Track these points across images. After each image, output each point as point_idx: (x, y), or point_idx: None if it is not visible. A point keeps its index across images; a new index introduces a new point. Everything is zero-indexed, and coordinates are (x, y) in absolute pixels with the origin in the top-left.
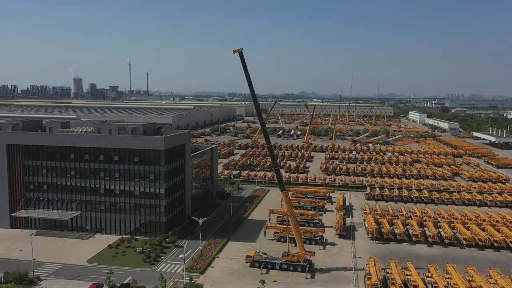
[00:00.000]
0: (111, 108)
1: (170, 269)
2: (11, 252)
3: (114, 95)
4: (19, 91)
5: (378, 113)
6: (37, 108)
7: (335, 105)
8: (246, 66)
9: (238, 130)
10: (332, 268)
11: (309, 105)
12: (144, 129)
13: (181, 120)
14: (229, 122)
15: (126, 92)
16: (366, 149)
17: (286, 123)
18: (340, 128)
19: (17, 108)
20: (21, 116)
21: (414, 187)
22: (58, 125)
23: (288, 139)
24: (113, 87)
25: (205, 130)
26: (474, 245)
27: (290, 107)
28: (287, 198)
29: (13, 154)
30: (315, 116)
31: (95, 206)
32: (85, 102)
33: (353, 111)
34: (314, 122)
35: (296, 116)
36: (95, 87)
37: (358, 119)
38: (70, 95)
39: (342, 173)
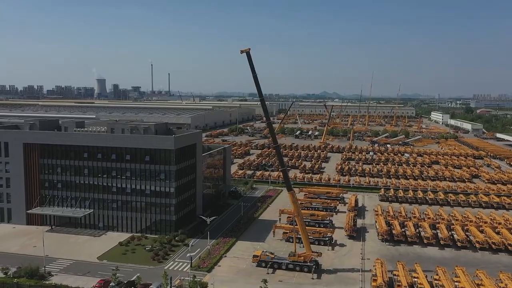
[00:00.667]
0: (132, 108)
1: (178, 267)
2: (25, 248)
3: (136, 96)
4: (44, 92)
5: (400, 113)
6: (60, 108)
7: (355, 105)
8: (253, 67)
9: (256, 130)
10: (339, 269)
11: (328, 106)
12: (156, 129)
13: (199, 120)
14: (248, 122)
15: (148, 92)
16: (384, 150)
17: (305, 123)
18: (359, 129)
19: (41, 108)
20: (42, 116)
21: (430, 188)
22: (73, 124)
23: (306, 140)
24: (136, 88)
25: (223, 130)
26: (488, 248)
27: (310, 107)
28: (294, 198)
29: (29, 152)
30: (335, 116)
31: (107, 204)
32: (107, 103)
33: (374, 111)
34: (334, 123)
35: (316, 116)
36: (117, 87)
37: (379, 120)
38: (94, 95)
39: (357, 174)
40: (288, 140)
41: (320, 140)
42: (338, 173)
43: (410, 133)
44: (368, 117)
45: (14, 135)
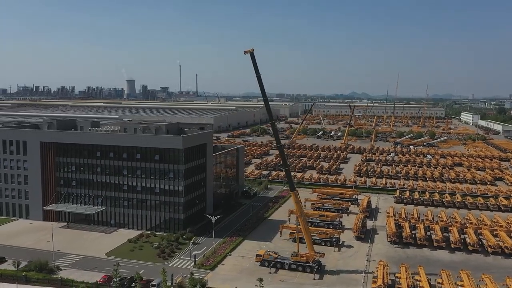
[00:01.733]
0: (157, 108)
1: (182, 265)
2: (39, 243)
3: (164, 96)
4: (76, 92)
5: (428, 114)
6: (88, 108)
7: (382, 106)
8: (257, 67)
9: (278, 130)
10: (343, 271)
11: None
12: (167, 128)
13: (222, 120)
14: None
15: (176, 93)
16: (406, 151)
17: (330, 124)
18: (384, 130)
19: (70, 108)
20: (70, 116)
21: (448, 191)
22: (88, 124)
23: (328, 140)
24: (164, 88)
25: (245, 131)
26: (500, 253)
27: (335, 108)
28: (297, 198)
29: (46, 151)
30: (360, 117)
31: (118, 202)
32: (134, 103)
33: (401, 112)
34: (358, 124)
35: (341, 117)
36: (146, 88)
37: (406, 120)
38: (123, 96)
39: (375, 175)
40: (310, 141)
41: (342, 141)
42: (355, 174)
43: (437, 134)
44: (395, 118)
45: (32, 134)
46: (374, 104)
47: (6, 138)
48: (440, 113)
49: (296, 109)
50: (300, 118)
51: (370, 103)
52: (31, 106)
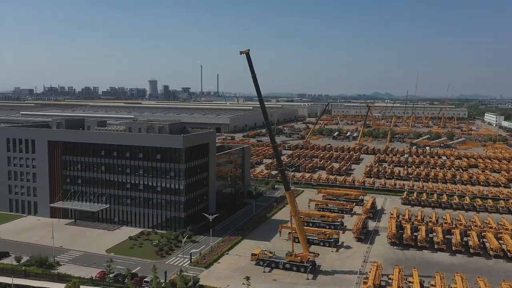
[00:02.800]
0: (175, 108)
1: (178, 263)
2: (43, 239)
3: (186, 96)
4: (100, 93)
5: (450, 114)
6: (108, 108)
7: (402, 106)
8: (252, 68)
9: (294, 131)
10: (338, 271)
11: (371, 106)
12: (171, 128)
13: (238, 120)
14: (290, 123)
15: (197, 93)
16: (422, 152)
17: (348, 124)
18: (402, 130)
19: (90, 108)
20: (88, 116)
21: (458, 193)
22: (94, 123)
23: (343, 141)
24: (185, 89)
25: (261, 131)
26: (502, 256)
27: (355, 108)
28: (291, 198)
29: (53, 149)
30: (379, 117)
31: (122, 200)
32: (154, 103)
33: (422, 112)
34: (377, 124)
35: (361, 117)
36: (167, 88)
37: (426, 121)
38: (145, 96)
39: (386, 176)
40: (325, 141)
41: (357, 141)
42: (365, 175)
43: (457, 135)
44: (415, 119)
45: (40, 133)
46: (395, 104)
47: (15, 137)
48: (463, 113)
49: (315, 109)
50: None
51: (391, 103)
52: (54, 106)
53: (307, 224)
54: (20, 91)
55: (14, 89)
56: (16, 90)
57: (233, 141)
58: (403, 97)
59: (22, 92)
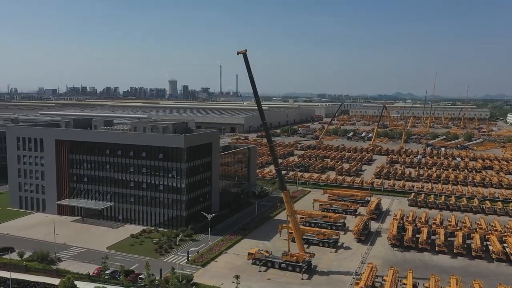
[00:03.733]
0: (191, 108)
1: (176, 261)
2: (48, 236)
3: (205, 96)
4: (120, 93)
5: (472, 115)
6: (125, 108)
7: (420, 106)
8: (249, 68)
9: (309, 131)
10: (334, 272)
11: (390, 107)
12: (175, 128)
13: (253, 120)
14: (306, 123)
15: (216, 93)
16: (436, 154)
17: (365, 125)
18: (420, 131)
19: (109, 108)
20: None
21: (468, 195)
22: (101, 123)
23: (358, 141)
24: (205, 89)
25: (275, 131)
26: (505, 259)
27: (373, 108)
28: (287, 198)
29: (60, 148)
30: (398, 118)
31: (125, 198)
32: (172, 103)
33: (442, 113)
34: (394, 124)
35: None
36: (187, 88)
37: (445, 122)
38: (165, 96)
39: (396, 178)
40: (340, 142)
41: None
42: (374, 176)
43: (475, 136)
44: (434, 119)
45: (48, 132)
46: (414, 104)
47: (25, 136)
48: (485, 114)
49: (333, 110)
50: (336, 118)
51: (411, 104)
52: (73, 106)
53: (309, 225)
54: (44, 91)
55: (38, 89)
56: (40, 90)
57: (247, 141)
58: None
59: (46, 92)
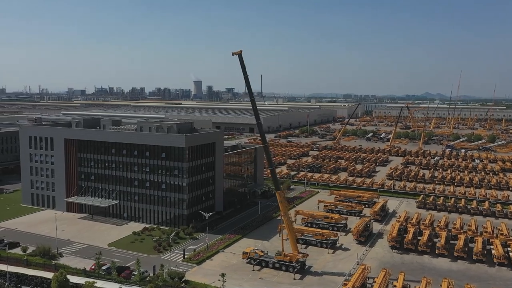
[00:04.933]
0: (212, 109)
1: (172, 258)
2: (54, 232)
3: (229, 97)
4: (146, 93)
5: (500, 116)
6: (147, 108)
7: (445, 107)
8: (245, 69)
9: (328, 132)
10: (327, 272)
11: (411, 107)
12: (179, 127)
13: (272, 121)
14: (327, 123)
15: (241, 93)
16: (455, 155)
17: (387, 125)
18: (443, 132)
19: (131, 108)
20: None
21: (481, 197)
22: (109, 122)
23: (377, 142)
24: (229, 89)
25: (294, 131)
26: (506, 264)
27: (396, 109)
28: (281, 198)
29: (69, 147)
30: (422, 118)
31: (130, 196)
32: (194, 103)
33: (469, 113)
34: (417, 125)
35: (402, 118)
36: (211, 89)
37: (471, 123)
38: (190, 96)
39: (409, 179)
40: (358, 143)
41: (391, 143)
42: (386, 177)
43: (500, 137)
44: (460, 120)
45: (57, 131)
46: (439, 105)
47: (36, 135)
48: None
49: (356, 111)
50: (358, 119)
51: (437, 104)
52: (97, 106)
53: (310, 225)
54: (73, 92)
55: (68, 90)
56: (70, 91)
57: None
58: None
59: (75, 93)
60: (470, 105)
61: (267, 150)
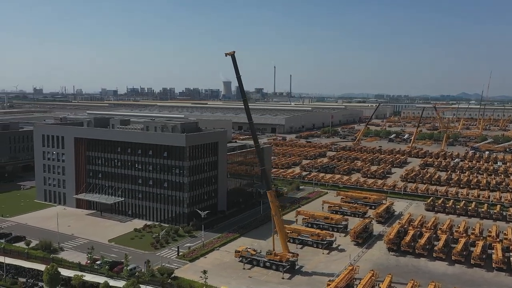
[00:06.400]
0: (237, 109)
1: (167, 255)
2: (60, 227)
3: (258, 97)
4: (176, 93)
5: None
6: (172, 108)
7: (476, 107)
8: (237, 69)
9: (351, 132)
10: (318, 273)
11: (442, 107)
12: (183, 127)
13: (294, 121)
14: (352, 124)
15: (270, 93)
16: (478, 157)
17: (414, 126)
18: (471, 133)
19: (157, 108)
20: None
21: (494, 201)
22: (118, 122)
23: (399, 144)
24: (258, 89)
25: (316, 132)
26: (505, 269)
27: (427, 109)
28: (272, 197)
29: (79, 146)
30: (453, 119)
31: (134, 194)
32: (220, 104)
33: (502, 114)
34: (445, 127)
35: (432, 119)
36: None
37: (505, 124)
38: (219, 96)
39: (423, 181)
40: (380, 143)
41: (415, 143)
42: (400, 179)
43: None
44: (492, 121)
45: (67, 130)
46: (476, 106)
47: (49, 134)
48: None
49: (384, 111)
50: (384, 120)
51: (468, 105)
52: (124, 106)
53: (311, 226)
54: (106, 92)
55: (101, 90)
56: (103, 91)
57: (283, 141)
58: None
59: (107, 93)
60: (506, 105)
61: (259, 150)
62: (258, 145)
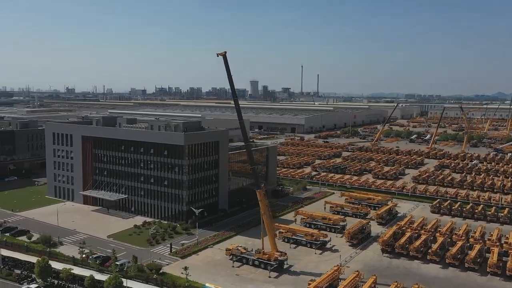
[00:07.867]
0: (255, 108)
1: (161, 251)
2: (64, 222)
3: (285, 96)
4: (203, 93)
5: None
6: (195, 108)
7: (507, 107)
8: (229, 69)
9: (372, 132)
10: (306, 272)
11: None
12: (185, 126)
13: (314, 121)
14: (375, 124)
15: (297, 93)
16: (499, 159)
17: (441, 127)
18: (498, 134)
19: (180, 107)
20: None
21: (505, 204)
22: (124, 121)
23: (420, 144)
24: (285, 89)
25: (335, 132)
26: (500, 274)
27: (455, 110)
28: (261, 197)
29: (86, 144)
30: (481, 120)
31: (136, 191)
32: (245, 103)
33: None
34: (473, 127)
35: (459, 119)
36: (267, 88)
37: None
38: (245, 96)
39: (436, 183)
40: (400, 144)
41: (436, 144)
42: (412, 180)
43: None
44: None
45: (75, 128)
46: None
47: (59, 132)
48: None
49: (410, 111)
50: (409, 121)
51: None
52: (149, 105)
53: (309, 226)
54: (135, 92)
55: (130, 90)
56: (132, 90)
57: (300, 141)
58: None
59: (136, 93)
60: None
61: (249, 149)
62: (248, 144)
